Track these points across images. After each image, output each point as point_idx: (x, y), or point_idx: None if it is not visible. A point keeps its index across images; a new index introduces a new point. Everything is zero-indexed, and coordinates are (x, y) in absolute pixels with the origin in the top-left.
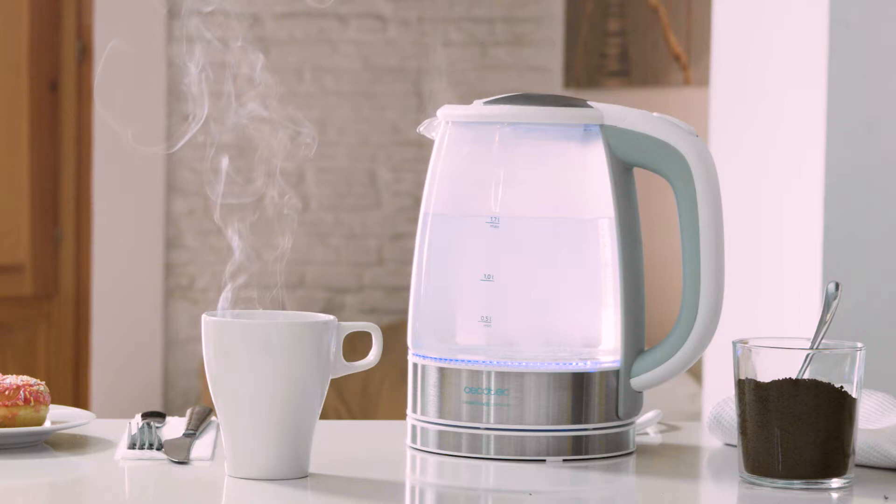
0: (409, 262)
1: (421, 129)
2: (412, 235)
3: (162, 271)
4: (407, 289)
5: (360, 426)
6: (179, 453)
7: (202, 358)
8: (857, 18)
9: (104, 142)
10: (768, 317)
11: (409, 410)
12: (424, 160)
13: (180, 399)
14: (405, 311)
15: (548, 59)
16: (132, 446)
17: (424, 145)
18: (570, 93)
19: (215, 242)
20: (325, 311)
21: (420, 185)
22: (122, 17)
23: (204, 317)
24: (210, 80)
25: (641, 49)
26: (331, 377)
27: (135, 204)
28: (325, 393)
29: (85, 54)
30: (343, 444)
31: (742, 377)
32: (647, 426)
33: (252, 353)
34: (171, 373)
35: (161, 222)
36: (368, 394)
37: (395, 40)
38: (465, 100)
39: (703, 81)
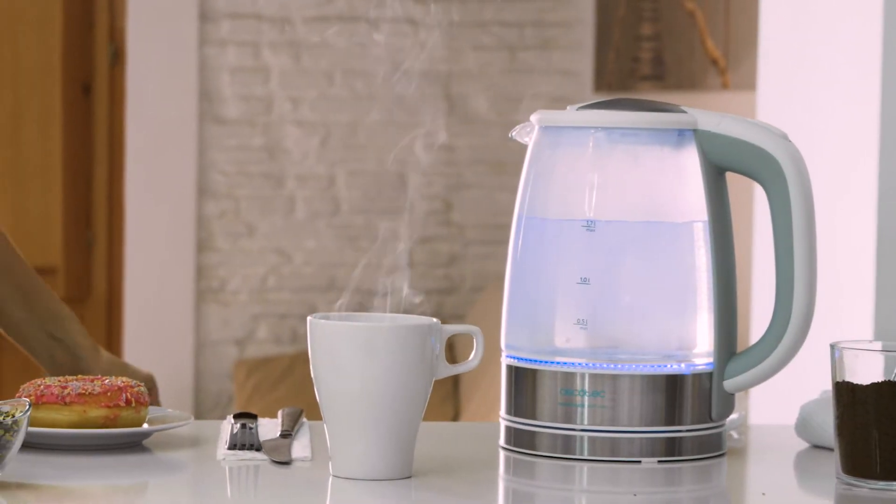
0: (439, 266)
1: (513, 133)
2: (442, 239)
3: (193, 274)
4: (437, 292)
5: (452, 427)
6: (281, 454)
7: (234, 361)
8: None
9: (136, 145)
10: (823, 321)
11: (502, 412)
12: (454, 164)
13: (211, 402)
14: (433, 315)
15: (578, 63)
16: (232, 447)
17: (454, 149)
18: (600, 96)
19: (246, 245)
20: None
21: (450, 188)
22: (155, 21)
23: (310, 319)
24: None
25: (677, 53)
26: (433, 379)
27: (166, 207)
28: (429, 394)
29: (118, 57)
30: (438, 445)
31: (839, 380)
32: (731, 428)
33: (358, 355)
34: (202, 375)
35: (192, 225)
36: None
37: (426, 44)
38: (495, 103)
39: (742, 85)
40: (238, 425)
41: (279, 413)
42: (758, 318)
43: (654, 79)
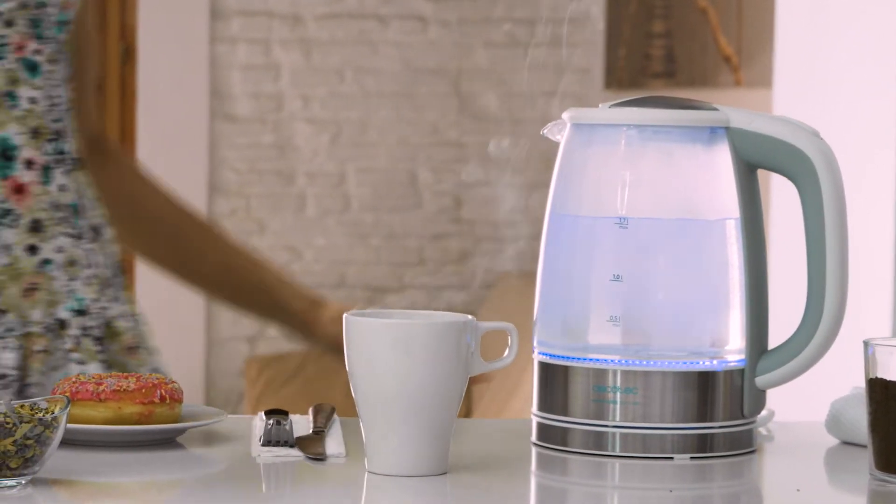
0: (450, 263)
1: (545, 131)
2: (452, 236)
3: None
4: (447, 288)
5: (484, 424)
6: (316, 450)
7: (245, 358)
8: None
9: (147, 142)
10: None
11: (534, 408)
12: (464, 161)
13: (222, 398)
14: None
15: (589, 60)
16: (267, 443)
17: (464, 146)
18: (611, 94)
19: (257, 242)
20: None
21: (460, 185)
22: (166, 18)
23: (346, 316)
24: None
25: (689, 50)
26: (469, 375)
27: None
28: (464, 391)
29: (129, 55)
30: (472, 441)
31: (872, 376)
32: (761, 424)
33: (394, 351)
34: (212, 373)
35: None
36: None
37: (436, 41)
38: (506, 100)
39: (756, 83)
40: (272, 422)
41: (310, 410)
42: (773, 315)
43: (666, 76)
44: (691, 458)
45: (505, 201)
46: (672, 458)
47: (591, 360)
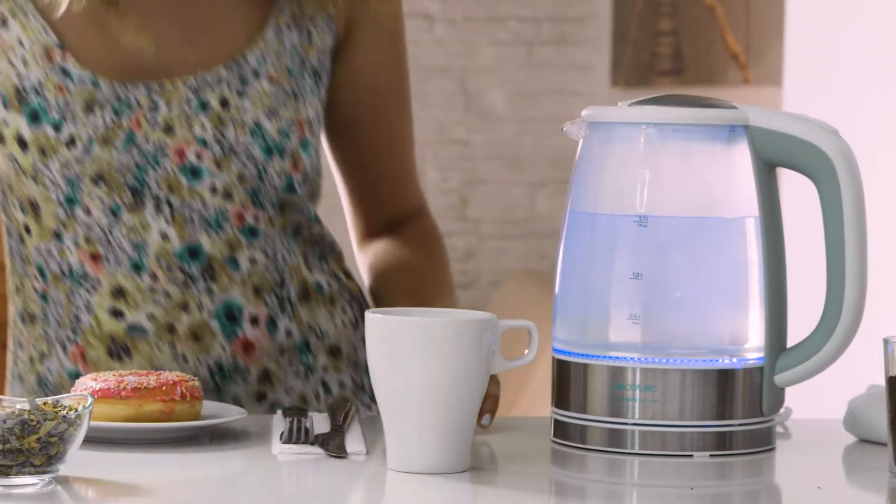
0: (455, 261)
1: (565, 129)
2: (458, 234)
3: None
4: (455, 286)
5: (504, 422)
6: (337, 447)
7: None
8: None
9: None
10: None
11: (553, 406)
12: (470, 159)
13: None
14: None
15: (595, 58)
16: (287, 441)
17: (470, 144)
18: (618, 91)
19: None
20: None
21: (466, 183)
22: None
23: (368, 314)
24: None
25: (695, 48)
26: (489, 373)
27: None
28: (485, 388)
29: None
30: (491, 438)
31: (893, 374)
32: (778, 422)
33: (416, 349)
34: None
35: None
36: None
37: (442, 39)
38: (511, 99)
39: (763, 80)
40: (292, 419)
41: (327, 407)
42: (791, 313)
43: (673, 74)
44: (710, 455)
45: (511, 199)
46: (691, 455)
47: (610, 357)
